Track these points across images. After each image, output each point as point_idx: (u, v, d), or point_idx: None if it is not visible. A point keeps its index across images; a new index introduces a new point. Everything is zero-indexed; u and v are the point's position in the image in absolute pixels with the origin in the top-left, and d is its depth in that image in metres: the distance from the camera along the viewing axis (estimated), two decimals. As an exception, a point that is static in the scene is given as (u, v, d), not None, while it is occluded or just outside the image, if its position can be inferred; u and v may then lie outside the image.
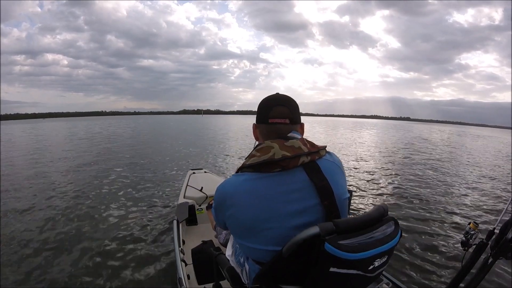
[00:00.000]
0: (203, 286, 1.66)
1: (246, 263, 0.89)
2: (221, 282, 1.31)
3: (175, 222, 2.20)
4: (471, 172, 6.89)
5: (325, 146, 0.85)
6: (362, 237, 0.66)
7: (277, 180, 0.75)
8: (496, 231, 0.98)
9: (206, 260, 1.31)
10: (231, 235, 1.15)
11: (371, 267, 0.67)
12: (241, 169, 0.82)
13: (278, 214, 0.74)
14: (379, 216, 0.73)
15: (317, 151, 0.80)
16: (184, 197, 2.67)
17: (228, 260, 1.04)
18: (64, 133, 20.46)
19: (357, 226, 0.67)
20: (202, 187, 2.75)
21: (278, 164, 0.75)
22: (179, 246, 1.90)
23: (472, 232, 1.04)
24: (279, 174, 0.75)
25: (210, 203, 1.99)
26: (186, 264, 1.76)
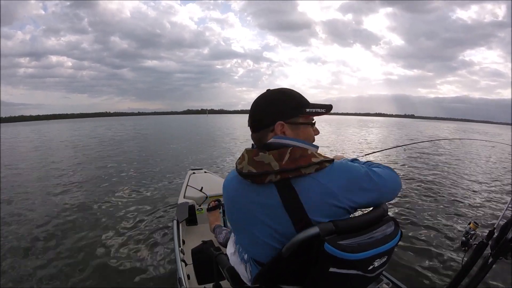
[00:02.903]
0: (203, 286, 1.66)
1: (250, 260, 0.90)
2: (221, 282, 1.31)
3: (175, 222, 2.20)
4: (472, 171, 6.88)
5: (322, 161, 0.69)
6: (362, 237, 0.66)
7: (252, 189, 0.73)
8: (496, 231, 0.98)
9: (206, 260, 1.31)
10: (232, 234, 1.15)
11: (371, 267, 0.67)
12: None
13: (249, 222, 0.76)
14: (379, 216, 0.72)
15: (297, 169, 0.67)
16: (184, 197, 2.66)
17: (228, 259, 1.04)
18: (68, 136, 20.33)
19: (357, 226, 0.67)
20: (202, 187, 2.74)
21: (247, 177, 0.72)
22: (179, 246, 1.90)
23: (472, 232, 1.04)
24: (253, 184, 0.73)
25: (211, 204, 1.98)
26: (186, 264, 1.76)
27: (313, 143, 0.80)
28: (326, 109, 0.80)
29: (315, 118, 0.81)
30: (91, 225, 3.46)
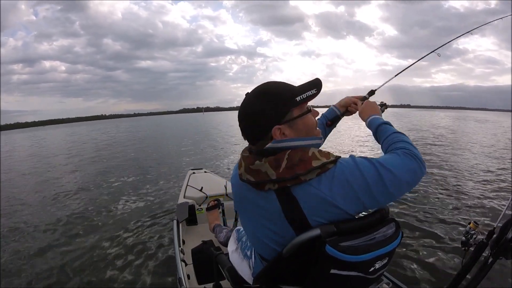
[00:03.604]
0: (203, 286, 1.66)
1: (253, 255, 0.90)
2: (221, 282, 1.32)
3: (175, 222, 2.19)
4: (472, 169, 6.87)
5: (324, 164, 0.63)
6: (363, 239, 0.65)
7: (254, 190, 0.71)
8: (496, 231, 0.98)
9: (206, 260, 1.31)
10: (233, 232, 1.15)
11: (372, 269, 0.67)
12: None
13: (252, 221, 0.76)
14: (380, 218, 0.71)
15: (295, 177, 0.63)
16: (184, 197, 2.66)
17: (229, 259, 1.04)
18: (65, 141, 20.02)
19: (359, 228, 0.66)
20: (202, 187, 2.74)
21: (247, 183, 0.70)
22: (179, 246, 1.90)
23: (472, 232, 1.04)
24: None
25: (211, 204, 1.98)
26: (186, 264, 1.76)
27: (316, 134, 0.74)
28: (317, 88, 0.71)
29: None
30: (91, 226, 3.46)
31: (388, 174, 0.64)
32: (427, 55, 1.24)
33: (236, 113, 0.75)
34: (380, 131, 0.85)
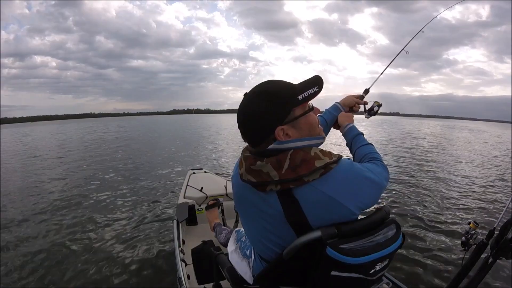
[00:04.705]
0: (203, 286, 1.66)
1: (252, 255, 0.90)
2: (221, 282, 1.32)
3: (175, 222, 2.19)
4: (471, 170, 6.88)
5: (327, 164, 0.63)
6: (363, 240, 0.65)
7: (254, 191, 0.70)
8: (496, 231, 0.98)
9: (206, 260, 1.31)
10: (233, 233, 1.15)
11: (372, 271, 0.66)
12: None
13: (252, 221, 0.76)
14: (381, 219, 0.71)
15: (298, 178, 0.62)
16: (184, 197, 2.66)
17: (228, 259, 1.04)
18: (55, 139, 19.43)
19: (359, 229, 0.66)
20: (202, 187, 2.74)
21: (248, 183, 0.70)
22: (179, 246, 1.90)
23: (472, 232, 1.04)
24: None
25: (210, 203, 1.98)
26: (186, 264, 1.76)
27: (319, 132, 0.73)
28: (318, 85, 0.69)
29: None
30: (90, 226, 3.45)
31: (375, 178, 0.71)
32: (398, 54, 1.36)
33: (226, 116, 0.75)
34: (357, 139, 0.97)
